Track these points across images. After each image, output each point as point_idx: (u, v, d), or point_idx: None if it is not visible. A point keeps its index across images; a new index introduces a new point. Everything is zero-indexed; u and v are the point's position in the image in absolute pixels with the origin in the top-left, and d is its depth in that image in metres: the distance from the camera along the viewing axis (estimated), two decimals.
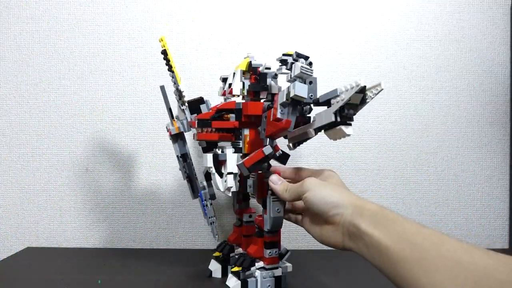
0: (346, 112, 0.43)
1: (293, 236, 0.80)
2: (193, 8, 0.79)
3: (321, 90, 0.80)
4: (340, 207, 0.39)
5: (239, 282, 0.51)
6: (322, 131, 0.56)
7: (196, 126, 0.53)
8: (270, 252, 0.52)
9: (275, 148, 0.49)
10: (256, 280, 0.52)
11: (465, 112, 0.82)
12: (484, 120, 0.82)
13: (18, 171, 0.79)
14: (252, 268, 0.52)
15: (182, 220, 0.80)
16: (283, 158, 0.53)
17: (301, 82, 0.44)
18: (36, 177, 0.79)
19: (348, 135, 0.43)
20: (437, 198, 0.81)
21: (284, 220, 0.51)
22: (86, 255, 0.71)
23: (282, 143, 0.54)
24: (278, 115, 0.44)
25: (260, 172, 0.52)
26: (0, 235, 0.78)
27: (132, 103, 0.79)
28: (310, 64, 0.46)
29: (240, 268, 0.52)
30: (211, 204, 0.60)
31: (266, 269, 0.52)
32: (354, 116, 0.44)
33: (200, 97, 0.56)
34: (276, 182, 0.47)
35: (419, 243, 0.31)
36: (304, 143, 0.52)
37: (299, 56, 0.46)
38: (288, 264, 0.54)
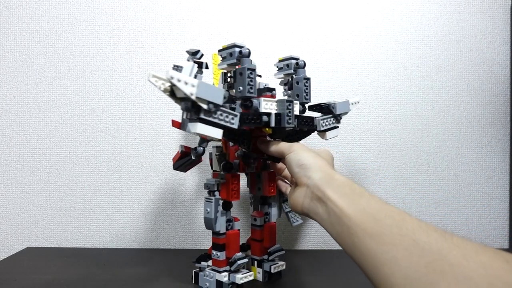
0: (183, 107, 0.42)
1: (293, 236, 0.80)
2: (193, 8, 0.79)
3: (322, 90, 0.81)
4: (310, 170, 0.40)
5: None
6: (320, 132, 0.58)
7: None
8: (212, 254, 0.52)
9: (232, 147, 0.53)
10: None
11: (465, 112, 0.82)
12: (484, 120, 0.82)
13: (18, 171, 0.79)
14: (203, 263, 0.53)
15: (182, 220, 0.80)
16: (245, 157, 0.53)
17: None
18: (36, 177, 0.79)
19: (191, 132, 0.42)
20: (437, 198, 0.81)
21: (286, 220, 0.51)
22: (86, 255, 0.71)
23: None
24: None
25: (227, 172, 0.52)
26: (0, 235, 0.78)
27: (132, 103, 0.79)
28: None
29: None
30: None
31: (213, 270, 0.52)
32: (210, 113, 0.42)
33: None
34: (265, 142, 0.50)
35: (381, 219, 0.32)
36: (302, 141, 0.54)
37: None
38: (237, 276, 0.51)
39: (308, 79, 0.53)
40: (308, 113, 0.55)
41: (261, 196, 0.57)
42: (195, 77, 0.48)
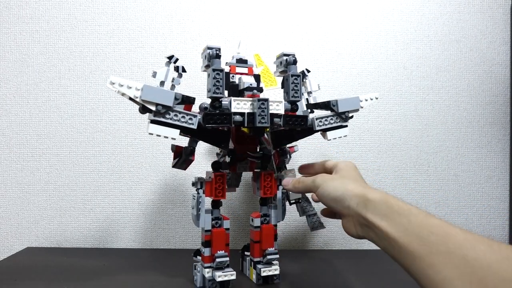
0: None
1: (293, 237, 0.80)
2: (193, 8, 0.79)
3: (322, 91, 0.81)
4: (345, 200, 0.39)
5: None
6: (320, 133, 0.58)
7: None
8: (201, 249, 0.54)
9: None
10: None
11: (465, 112, 0.82)
12: (484, 120, 0.82)
13: (18, 171, 0.79)
14: (198, 257, 0.55)
15: (182, 220, 0.80)
16: (231, 157, 0.56)
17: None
18: (36, 177, 0.79)
19: (148, 132, 0.46)
20: (437, 198, 0.81)
21: (286, 220, 0.51)
22: (86, 255, 0.71)
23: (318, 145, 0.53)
24: None
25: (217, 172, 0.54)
26: (0, 235, 0.78)
27: (132, 103, 0.79)
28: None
29: None
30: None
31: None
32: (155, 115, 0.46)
33: None
34: (287, 181, 0.51)
35: (425, 237, 0.31)
36: (301, 141, 0.55)
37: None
38: (217, 273, 0.51)
39: (298, 76, 0.50)
40: (317, 112, 0.54)
41: (260, 197, 0.57)
42: (173, 80, 0.49)
